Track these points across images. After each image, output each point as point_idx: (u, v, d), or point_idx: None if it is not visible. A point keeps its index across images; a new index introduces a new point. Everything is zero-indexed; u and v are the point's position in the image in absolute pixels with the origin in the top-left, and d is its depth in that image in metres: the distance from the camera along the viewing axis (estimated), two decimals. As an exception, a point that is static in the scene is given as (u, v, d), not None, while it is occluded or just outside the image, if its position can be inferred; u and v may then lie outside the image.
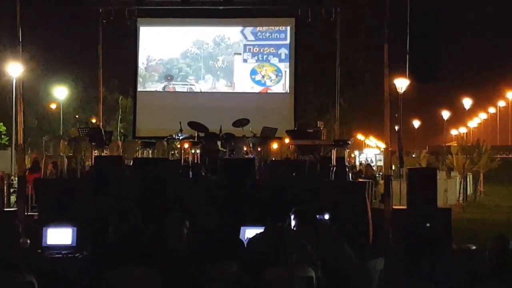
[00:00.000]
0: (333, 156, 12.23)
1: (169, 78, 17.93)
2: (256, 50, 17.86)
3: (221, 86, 17.86)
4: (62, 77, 34.85)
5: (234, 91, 17.79)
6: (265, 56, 17.83)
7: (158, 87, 17.96)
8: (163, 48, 18.05)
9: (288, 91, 17.65)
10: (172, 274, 5.86)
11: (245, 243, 6.26)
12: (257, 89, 17.72)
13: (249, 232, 6.85)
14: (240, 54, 17.88)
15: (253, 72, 17.79)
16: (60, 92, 33.99)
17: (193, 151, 13.47)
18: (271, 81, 17.72)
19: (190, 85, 17.92)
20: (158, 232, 6.37)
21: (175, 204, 10.00)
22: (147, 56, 18.03)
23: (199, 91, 17.84)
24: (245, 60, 17.87)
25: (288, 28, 17.75)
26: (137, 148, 14.72)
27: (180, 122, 13.36)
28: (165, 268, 5.86)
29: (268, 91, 17.69)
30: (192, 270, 5.89)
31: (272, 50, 17.80)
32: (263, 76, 17.76)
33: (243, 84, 17.78)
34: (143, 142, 14.65)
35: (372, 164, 31.15)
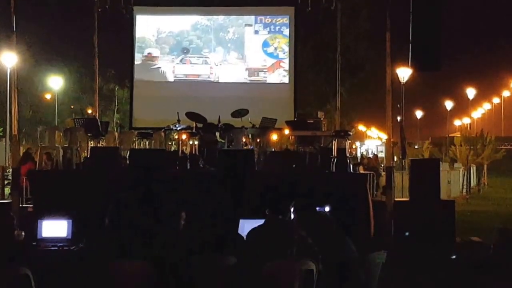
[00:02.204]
0: (334, 147, 12.21)
1: (185, 51, 17.85)
2: (268, 21, 17.65)
3: (232, 59, 17.71)
4: (57, 67, 34.79)
5: (246, 64, 17.63)
6: (277, 27, 17.59)
7: (171, 59, 17.81)
8: (172, 20, 18.00)
9: (288, 81, 17.62)
10: (168, 266, 5.87)
11: (244, 236, 6.26)
12: (270, 61, 17.52)
13: (248, 225, 6.84)
14: (251, 25, 17.73)
15: (265, 44, 17.59)
16: (55, 82, 33.93)
17: (191, 142, 13.46)
18: (284, 53, 17.61)
19: (205, 57, 17.83)
20: (155, 224, 6.38)
21: (173, 196, 9.99)
22: (157, 28, 17.96)
23: (213, 64, 17.72)
24: (256, 32, 17.70)
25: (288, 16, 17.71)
26: (134, 139, 14.70)
27: (177, 113, 13.33)
28: (161, 261, 5.87)
29: (281, 63, 17.54)
30: (189, 263, 5.89)
31: (285, 20, 17.59)
32: (275, 48, 17.59)
33: (255, 56, 17.59)
34: (140, 133, 14.62)
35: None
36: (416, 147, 40.62)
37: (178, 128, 13.33)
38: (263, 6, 17.90)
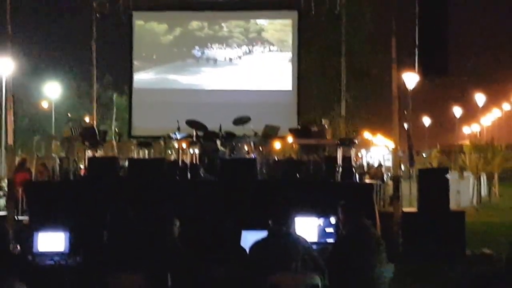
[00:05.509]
0: (339, 156, 12.19)
1: (185, 57, 17.96)
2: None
3: (234, 65, 17.80)
4: (54, 74, 34.83)
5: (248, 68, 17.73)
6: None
7: (171, 66, 17.92)
8: (171, 25, 18.13)
9: (291, 88, 17.63)
10: (169, 279, 5.85)
11: (247, 247, 6.24)
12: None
13: (251, 236, 6.82)
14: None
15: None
16: (52, 90, 33.94)
17: (191, 151, 13.44)
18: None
19: (206, 63, 17.85)
20: (153, 235, 6.37)
21: (173, 207, 9.96)
22: (156, 33, 18.03)
23: (214, 70, 17.77)
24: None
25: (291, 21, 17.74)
26: (133, 148, 14.70)
27: (177, 121, 13.32)
28: (161, 274, 5.84)
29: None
30: (190, 276, 5.87)
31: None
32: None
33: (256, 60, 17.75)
34: (139, 141, 14.63)
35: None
36: (424, 155, 40.56)
37: (178, 137, 13.31)
38: (265, 10, 17.92)
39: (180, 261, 6.05)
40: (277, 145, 19.10)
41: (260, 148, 13.64)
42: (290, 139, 15.32)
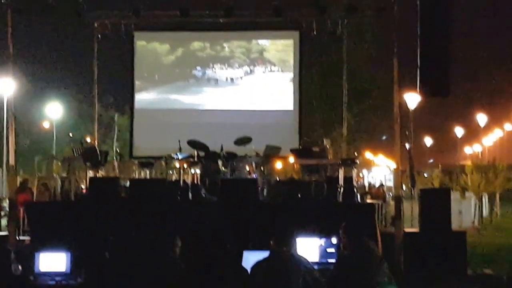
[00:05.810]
0: (341, 176, 12.22)
1: (186, 77, 18.00)
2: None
3: (235, 85, 17.90)
4: (55, 94, 34.94)
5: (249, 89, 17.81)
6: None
7: (172, 86, 18.00)
8: (173, 46, 18.24)
9: (292, 108, 17.69)
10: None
11: (248, 268, 6.25)
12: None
13: (252, 257, 6.84)
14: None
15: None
16: (54, 110, 34.03)
17: (192, 171, 13.46)
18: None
19: (207, 83, 17.92)
20: (154, 255, 6.40)
21: (175, 227, 9.99)
22: (158, 54, 18.14)
23: (215, 90, 17.83)
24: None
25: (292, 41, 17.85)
26: (134, 168, 14.74)
27: (179, 141, 13.35)
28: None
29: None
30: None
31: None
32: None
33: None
34: (140, 162, 14.66)
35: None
36: (425, 175, 40.54)
37: (179, 157, 13.35)
38: (267, 31, 18.02)
39: (182, 280, 6.06)
40: (278, 165, 19.12)
41: (262, 169, 13.67)
42: (291, 159, 15.36)
